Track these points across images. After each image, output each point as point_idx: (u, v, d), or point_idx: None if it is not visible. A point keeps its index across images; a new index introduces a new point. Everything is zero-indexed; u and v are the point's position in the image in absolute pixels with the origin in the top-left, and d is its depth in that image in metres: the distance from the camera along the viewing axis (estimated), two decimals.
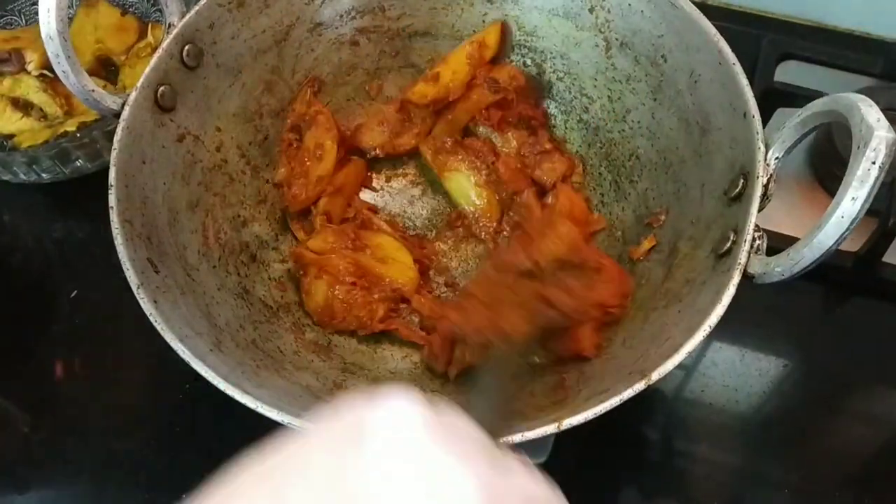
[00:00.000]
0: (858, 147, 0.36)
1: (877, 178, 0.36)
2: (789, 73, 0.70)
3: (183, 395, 0.57)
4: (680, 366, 0.58)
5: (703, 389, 0.58)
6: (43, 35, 0.46)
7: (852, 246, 0.60)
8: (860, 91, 0.38)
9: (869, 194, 0.36)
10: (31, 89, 0.68)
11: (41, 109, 0.68)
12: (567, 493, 0.53)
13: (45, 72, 0.69)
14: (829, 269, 0.60)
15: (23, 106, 0.68)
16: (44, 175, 0.64)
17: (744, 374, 0.58)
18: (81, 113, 0.68)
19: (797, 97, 0.64)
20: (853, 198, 0.36)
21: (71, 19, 0.72)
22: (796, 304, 0.61)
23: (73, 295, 0.64)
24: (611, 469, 0.55)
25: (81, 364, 0.61)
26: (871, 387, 0.59)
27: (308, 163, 0.58)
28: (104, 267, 0.65)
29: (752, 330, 0.61)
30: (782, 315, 0.61)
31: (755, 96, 0.46)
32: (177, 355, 0.41)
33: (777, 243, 0.41)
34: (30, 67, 0.70)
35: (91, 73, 0.70)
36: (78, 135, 0.62)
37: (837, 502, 0.54)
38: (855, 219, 0.36)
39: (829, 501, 0.54)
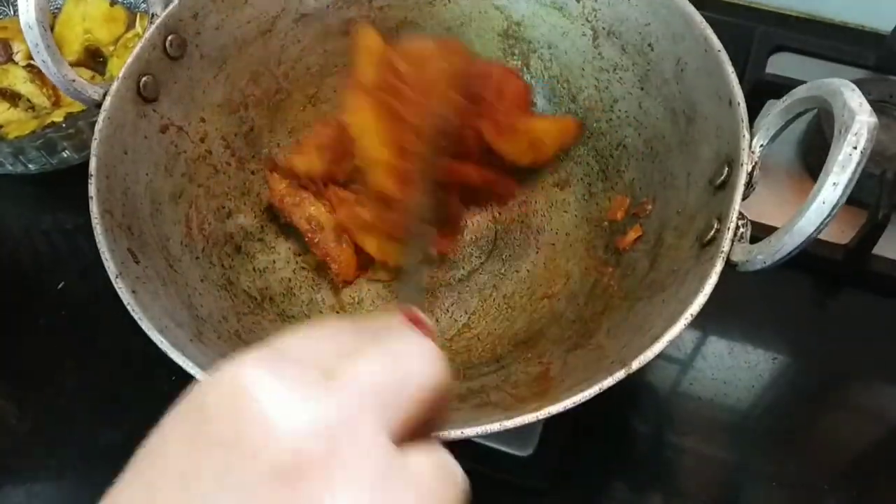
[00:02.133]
0: (840, 132, 0.36)
1: (858, 164, 0.35)
2: (782, 64, 0.69)
3: (170, 386, 0.57)
4: (669, 358, 0.59)
5: (692, 382, 0.58)
6: (22, 24, 0.45)
7: (842, 238, 0.60)
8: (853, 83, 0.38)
9: (850, 180, 0.35)
10: (18, 80, 0.68)
11: (29, 100, 0.68)
12: (555, 486, 0.54)
13: (33, 62, 0.69)
14: (819, 261, 0.60)
15: (10, 97, 0.67)
16: (31, 166, 0.64)
17: (733, 367, 0.58)
18: (69, 104, 0.68)
19: (788, 89, 0.63)
20: (834, 183, 0.35)
21: (59, 10, 0.72)
22: (786, 296, 0.61)
23: (60, 286, 0.64)
24: (599, 462, 0.55)
25: (68, 355, 0.61)
26: (860, 379, 0.59)
27: (318, 241, 0.56)
28: (91, 258, 0.65)
29: (742, 322, 0.60)
30: (772, 307, 0.61)
31: (746, 88, 0.45)
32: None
33: (766, 235, 0.40)
34: (17, 58, 0.69)
35: (80, 64, 0.70)
36: (64, 125, 0.61)
37: (827, 495, 0.53)
38: (836, 205, 0.36)
39: (819, 494, 0.53)
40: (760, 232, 0.42)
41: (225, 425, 0.21)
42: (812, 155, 0.66)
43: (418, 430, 0.23)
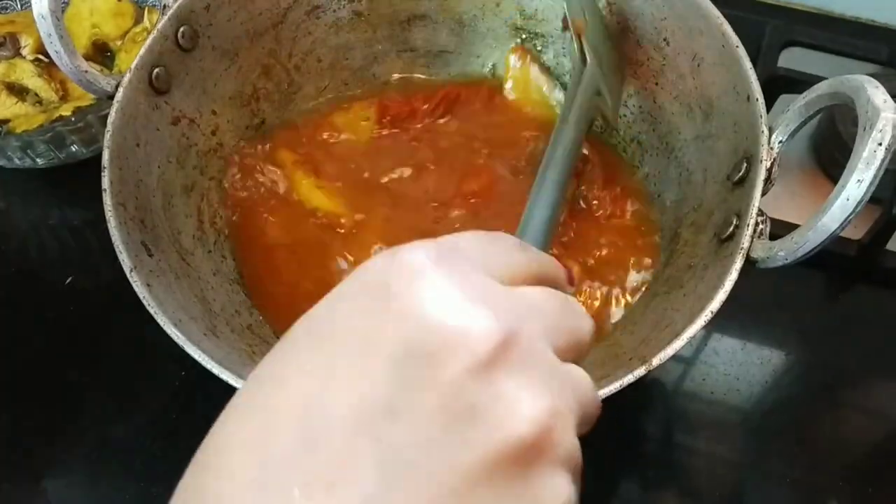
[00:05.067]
0: (864, 129, 0.36)
1: (883, 160, 0.35)
2: (793, 60, 0.69)
3: (179, 381, 0.57)
4: (681, 356, 0.59)
5: (705, 378, 0.57)
6: (35, 14, 0.45)
7: (856, 234, 0.60)
8: None
9: (875, 176, 0.35)
10: (26, 74, 0.67)
11: (36, 94, 0.67)
12: None
13: (41, 56, 0.68)
14: (833, 257, 0.60)
15: (18, 91, 0.67)
16: (38, 160, 0.64)
17: (745, 363, 0.58)
18: (77, 98, 0.67)
19: (801, 84, 0.63)
20: (859, 180, 0.35)
21: (67, 4, 0.72)
22: (799, 292, 0.61)
23: (68, 282, 0.64)
24: (609, 460, 0.55)
25: (77, 351, 0.61)
26: (873, 376, 0.59)
27: None
28: (100, 253, 0.65)
29: (754, 319, 0.60)
30: (784, 303, 0.60)
31: (759, 83, 0.45)
32: (172, 341, 0.40)
33: (781, 231, 0.40)
34: (25, 52, 0.69)
35: (87, 58, 0.69)
36: (73, 119, 0.61)
37: (839, 494, 0.53)
38: (860, 201, 0.35)
39: (831, 493, 0.53)
40: (773, 227, 0.42)
41: (406, 307, 0.21)
42: (825, 151, 0.66)
43: None
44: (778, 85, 0.65)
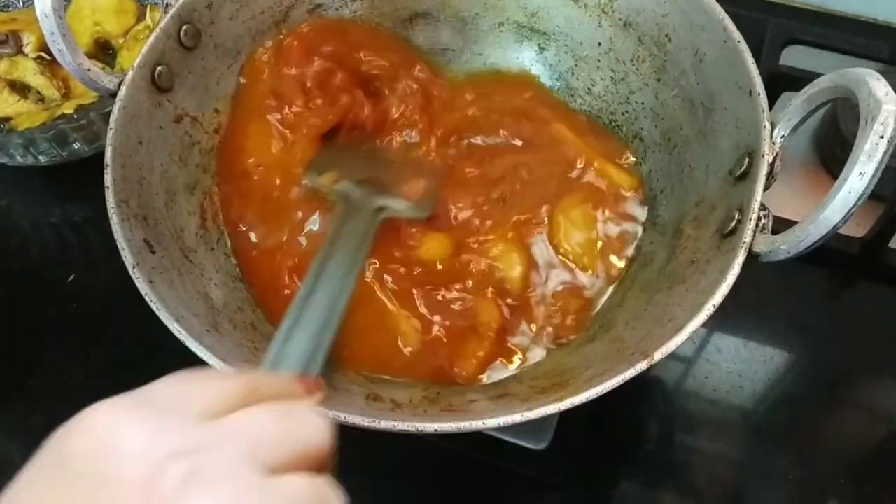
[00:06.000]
0: (866, 121, 0.35)
1: (885, 153, 0.35)
2: (794, 58, 0.69)
3: None
4: (683, 354, 0.58)
5: (707, 376, 0.57)
6: (38, 12, 0.45)
7: (858, 231, 0.60)
8: None
9: (877, 169, 0.35)
10: (28, 72, 0.67)
11: (38, 92, 0.68)
12: (568, 480, 0.53)
13: (43, 54, 0.68)
14: (835, 254, 0.60)
15: (20, 89, 0.67)
16: (41, 158, 0.64)
17: (748, 361, 0.58)
18: (79, 95, 0.68)
19: (803, 81, 0.63)
20: (861, 173, 0.35)
21: (69, 1, 0.72)
22: (801, 290, 0.61)
23: (70, 279, 0.64)
24: (612, 457, 0.55)
25: (78, 348, 0.61)
26: (875, 374, 0.59)
27: None
28: (102, 251, 0.65)
29: (757, 317, 0.60)
30: (787, 301, 0.60)
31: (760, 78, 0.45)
32: (174, 338, 0.40)
33: (782, 228, 0.40)
34: (27, 50, 0.69)
35: (89, 56, 0.69)
36: (75, 116, 0.61)
37: (840, 492, 0.53)
38: (862, 194, 0.35)
39: (832, 491, 0.53)
40: (775, 224, 0.42)
41: (84, 463, 0.23)
42: (826, 147, 0.66)
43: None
44: (780, 82, 0.65)
